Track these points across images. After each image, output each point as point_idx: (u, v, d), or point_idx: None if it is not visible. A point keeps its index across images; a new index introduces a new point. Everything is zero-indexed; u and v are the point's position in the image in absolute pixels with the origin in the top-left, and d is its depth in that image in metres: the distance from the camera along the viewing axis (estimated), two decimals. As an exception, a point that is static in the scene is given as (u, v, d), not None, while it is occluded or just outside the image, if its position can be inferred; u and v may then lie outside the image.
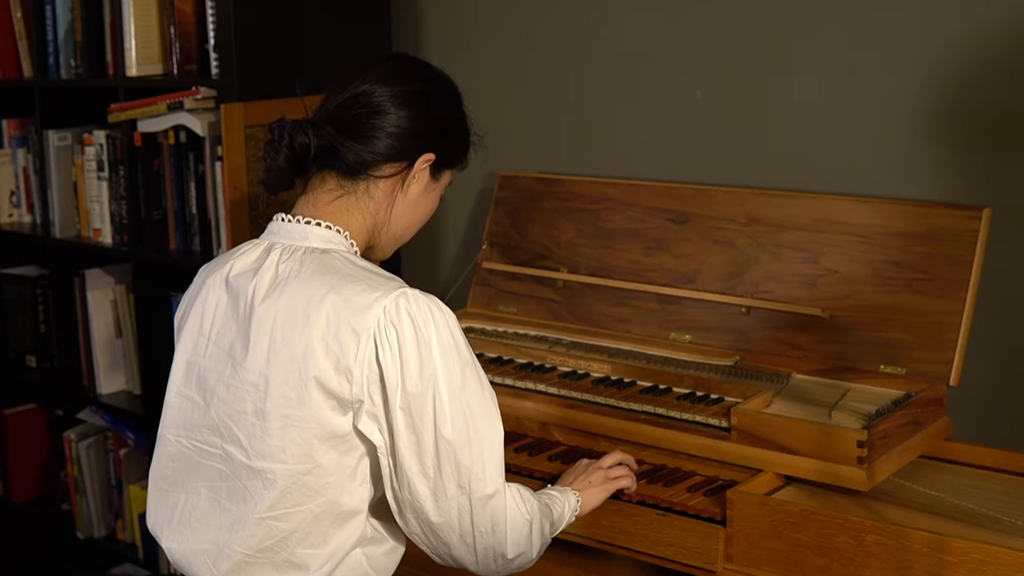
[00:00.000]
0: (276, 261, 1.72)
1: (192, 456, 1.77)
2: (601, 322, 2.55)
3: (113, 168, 3.13)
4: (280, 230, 1.78)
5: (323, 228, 1.75)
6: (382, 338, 1.62)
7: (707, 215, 2.46)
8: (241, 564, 1.71)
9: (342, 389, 1.64)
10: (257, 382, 1.68)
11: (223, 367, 1.73)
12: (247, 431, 1.69)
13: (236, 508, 1.71)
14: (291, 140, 1.73)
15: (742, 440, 2.05)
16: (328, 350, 1.63)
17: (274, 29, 2.79)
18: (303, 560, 1.69)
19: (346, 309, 1.64)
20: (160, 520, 1.82)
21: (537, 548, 1.78)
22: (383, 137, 1.75)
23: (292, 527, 1.68)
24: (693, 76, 2.63)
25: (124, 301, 3.29)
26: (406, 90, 1.77)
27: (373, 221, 1.79)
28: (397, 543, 1.79)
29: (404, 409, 1.64)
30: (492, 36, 2.96)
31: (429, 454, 1.65)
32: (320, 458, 1.66)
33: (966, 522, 1.89)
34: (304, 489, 1.67)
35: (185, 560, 1.77)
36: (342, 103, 1.76)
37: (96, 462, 3.43)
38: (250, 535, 1.69)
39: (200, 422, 1.76)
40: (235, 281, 1.74)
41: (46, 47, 3.24)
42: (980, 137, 2.29)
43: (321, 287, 1.66)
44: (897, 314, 2.20)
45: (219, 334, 1.75)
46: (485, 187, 2.94)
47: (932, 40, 2.31)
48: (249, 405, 1.68)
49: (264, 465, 1.67)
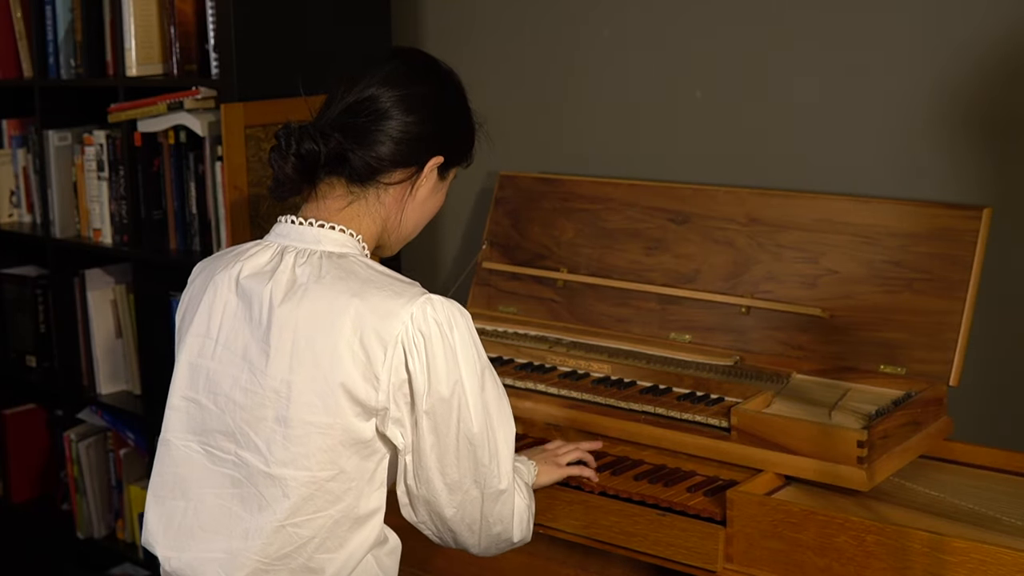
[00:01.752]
0: (292, 265, 1.71)
1: (201, 462, 1.74)
2: (601, 322, 2.55)
3: (113, 168, 3.13)
4: (290, 232, 1.76)
5: (336, 232, 1.74)
6: (410, 345, 1.63)
7: (707, 215, 2.46)
8: (257, 572, 1.69)
9: (368, 396, 1.64)
10: (279, 388, 1.66)
11: (238, 371, 1.70)
12: (267, 437, 1.67)
13: (250, 516, 1.69)
14: (299, 147, 1.72)
15: (742, 440, 2.05)
16: (355, 357, 1.63)
17: (274, 29, 2.79)
18: (319, 565, 1.68)
19: (371, 315, 1.63)
20: (156, 529, 1.78)
21: (532, 527, 1.86)
22: (390, 143, 1.74)
23: (312, 533, 1.67)
24: (693, 76, 2.63)
25: (124, 301, 3.29)
26: (413, 93, 1.76)
27: (384, 225, 1.80)
28: (396, 543, 1.79)
29: (430, 413, 1.65)
30: (492, 36, 2.96)
31: (450, 452, 1.68)
32: (344, 464, 1.66)
33: (966, 522, 1.89)
34: (326, 495, 1.66)
35: (189, 570, 1.74)
36: (348, 108, 1.75)
37: (96, 462, 3.43)
38: (268, 543, 1.67)
39: (213, 427, 1.73)
40: (247, 283, 1.72)
41: (46, 47, 3.24)
42: (980, 137, 2.29)
43: (343, 292, 1.66)
44: (897, 314, 2.20)
45: (229, 337, 1.73)
46: (485, 187, 2.94)
47: (932, 40, 2.31)
48: (270, 412, 1.67)
49: (285, 472, 1.66)
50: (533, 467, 2.00)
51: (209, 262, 1.82)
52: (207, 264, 1.82)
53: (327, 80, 1.83)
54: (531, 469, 1.99)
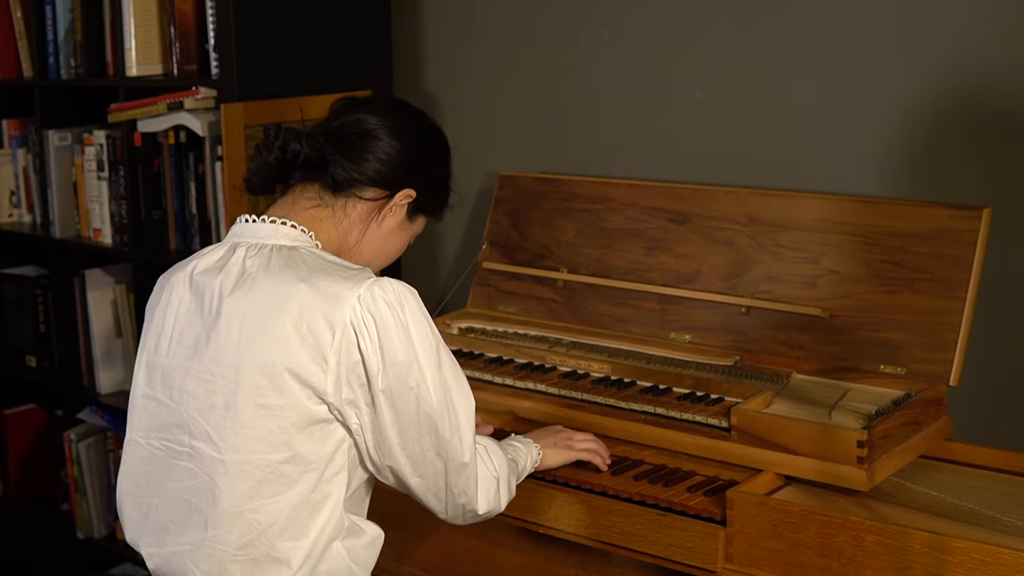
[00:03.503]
0: (242, 257, 1.75)
1: (163, 457, 1.77)
2: (601, 322, 2.55)
3: (113, 168, 3.13)
4: (244, 231, 1.80)
5: (289, 227, 1.78)
6: (360, 327, 1.65)
7: (707, 215, 2.46)
8: (223, 562, 1.70)
9: (317, 379, 1.66)
10: (227, 373, 1.69)
11: (190, 363, 1.74)
12: (216, 424, 1.70)
13: (208, 506, 1.71)
14: (284, 144, 1.78)
15: (742, 440, 2.05)
16: (303, 340, 1.65)
17: (274, 29, 2.79)
18: (284, 555, 1.70)
19: (319, 299, 1.66)
20: (138, 528, 1.82)
21: (504, 501, 1.86)
22: (372, 160, 1.80)
23: (271, 519, 1.69)
24: (693, 76, 2.63)
25: (124, 301, 3.29)
26: (403, 125, 1.84)
27: (343, 238, 1.83)
28: (376, 535, 1.80)
29: (386, 391, 1.67)
30: (492, 36, 2.96)
31: (411, 428, 1.70)
32: (298, 447, 1.68)
33: (966, 522, 1.89)
34: (281, 479, 1.68)
35: (167, 565, 1.77)
36: (341, 125, 1.82)
37: (96, 462, 3.43)
38: (228, 531, 1.69)
39: (169, 421, 1.76)
40: (199, 278, 1.77)
41: (46, 47, 3.24)
42: (980, 137, 2.29)
43: (291, 279, 1.69)
44: (897, 314, 2.20)
45: (183, 332, 1.76)
46: (485, 187, 2.94)
47: (932, 40, 2.31)
48: (219, 398, 1.69)
49: (237, 457, 1.68)
50: (537, 451, 2.00)
51: (171, 270, 1.86)
52: (169, 272, 1.86)
53: (327, 80, 1.84)
54: (534, 453, 1.99)
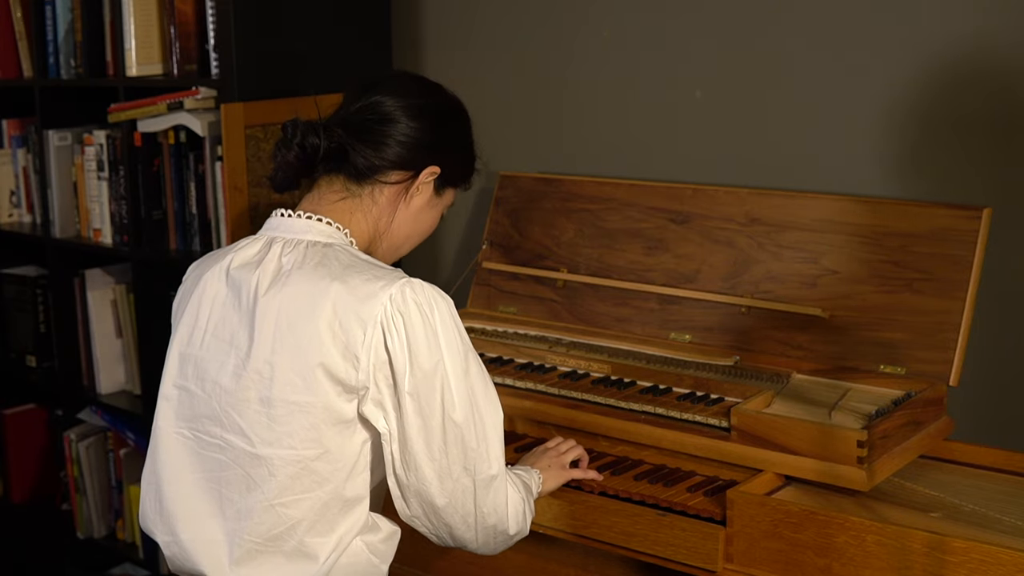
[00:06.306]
0: (279, 254, 1.76)
1: (192, 447, 1.79)
2: (601, 322, 2.55)
3: (113, 168, 3.13)
4: (280, 225, 1.81)
5: (324, 224, 1.80)
6: (389, 326, 1.66)
7: (707, 215, 2.46)
8: (252, 552, 1.73)
9: (348, 376, 1.67)
10: (262, 370, 1.70)
11: (225, 356, 1.75)
12: (251, 419, 1.71)
13: (240, 497, 1.73)
14: (303, 139, 1.78)
15: (742, 440, 2.05)
16: (335, 337, 1.67)
17: (274, 29, 2.79)
18: (312, 550, 1.71)
19: (352, 297, 1.67)
20: (153, 515, 1.83)
21: (529, 523, 1.85)
22: (393, 144, 1.80)
23: (301, 515, 1.71)
24: (693, 76, 2.63)
25: (124, 301, 3.29)
26: (419, 103, 1.84)
27: (375, 226, 1.84)
28: (392, 530, 1.80)
29: (413, 394, 1.67)
30: (492, 36, 2.96)
31: (437, 437, 1.69)
32: (328, 444, 1.69)
33: (966, 522, 1.89)
34: (313, 475, 1.70)
35: (185, 554, 1.78)
36: (357, 110, 1.82)
37: (96, 462, 3.43)
38: (259, 522, 1.71)
39: (201, 412, 1.78)
40: (236, 273, 1.77)
41: (46, 47, 3.24)
42: (979, 137, 2.29)
43: (325, 276, 1.70)
44: (897, 314, 2.20)
45: (218, 325, 1.77)
46: (485, 187, 2.94)
47: (932, 40, 2.31)
48: (253, 393, 1.71)
49: (270, 452, 1.70)
50: (538, 476, 1.98)
51: (203, 260, 1.88)
52: (201, 262, 1.88)
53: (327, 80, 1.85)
54: (536, 478, 1.97)
